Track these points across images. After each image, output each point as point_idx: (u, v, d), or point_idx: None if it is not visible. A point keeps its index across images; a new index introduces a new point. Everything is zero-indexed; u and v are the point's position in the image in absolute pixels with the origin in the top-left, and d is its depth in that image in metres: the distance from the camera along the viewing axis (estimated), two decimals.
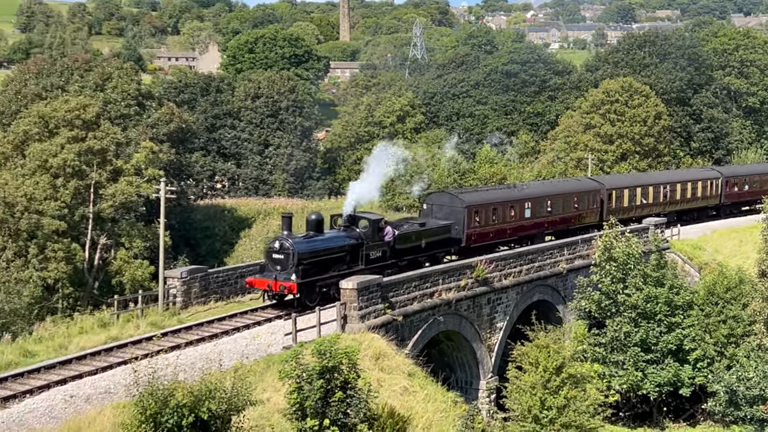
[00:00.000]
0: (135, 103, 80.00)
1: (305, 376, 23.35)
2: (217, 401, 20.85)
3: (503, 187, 56.14)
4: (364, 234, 39.11)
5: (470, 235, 46.75)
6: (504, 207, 49.52)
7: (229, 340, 31.93)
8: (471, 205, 46.78)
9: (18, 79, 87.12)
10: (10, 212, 56.78)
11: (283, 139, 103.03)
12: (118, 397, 24.69)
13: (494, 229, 48.73)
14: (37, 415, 23.90)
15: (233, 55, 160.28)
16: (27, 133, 63.86)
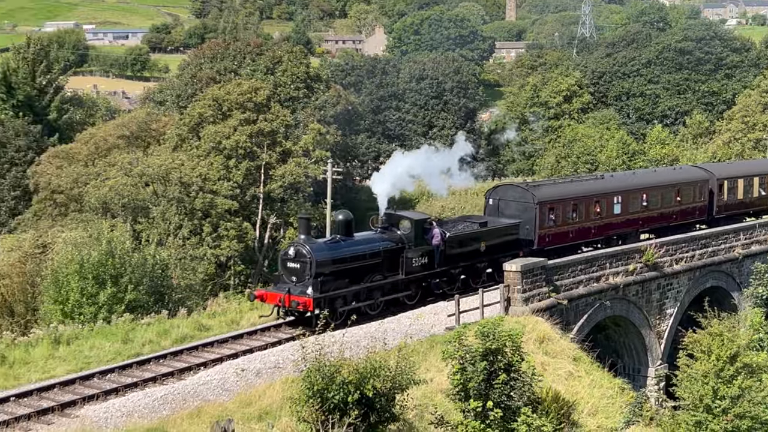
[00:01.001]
0: (303, 85, 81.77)
1: (468, 358, 23.27)
2: (381, 379, 21.05)
3: (587, 179, 47.87)
4: (405, 237, 33.26)
5: (543, 236, 39.89)
6: (587, 202, 42.12)
7: (393, 319, 32.22)
8: (544, 201, 39.72)
9: (193, 64, 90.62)
10: (186, 192, 59.15)
11: (447, 120, 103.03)
12: (287, 371, 25.27)
13: (574, 229, 41.49)
14: (210, 387, 24.77)
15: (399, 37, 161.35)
16: (202, 115, 66.31)
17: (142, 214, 58.33)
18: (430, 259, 33.97)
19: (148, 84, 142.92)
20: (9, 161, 76.74)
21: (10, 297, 48.41)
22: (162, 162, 60.45)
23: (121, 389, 24.41)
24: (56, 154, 71.64)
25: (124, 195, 57.75)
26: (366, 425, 20.74)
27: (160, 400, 23.46)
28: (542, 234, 39.68)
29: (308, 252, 30.12)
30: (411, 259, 33.17)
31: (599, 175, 49.44)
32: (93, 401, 23.11)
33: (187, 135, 66.89)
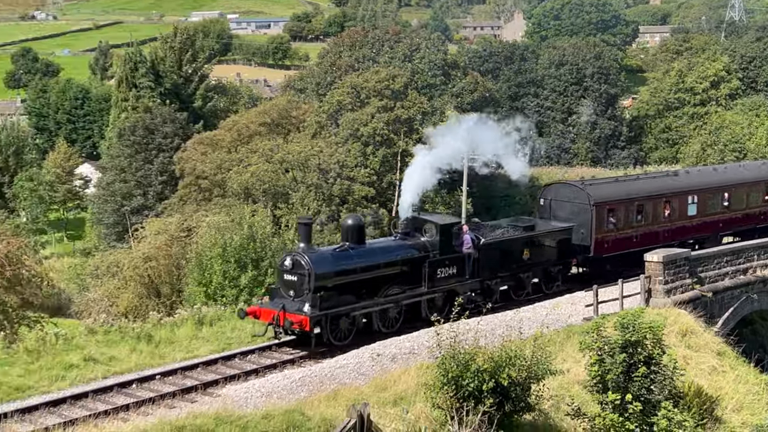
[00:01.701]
0: (441, 72, 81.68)
1: (607, 349, 22.78)
2: (517, 368, 20.86)
3: (656, 176, 43.10)
4: (430, 243, 29.25)
5: (601, 242, 35.77)
6: (654, 203, 37.96)
7: (529, 308, 31.86)
8: (602, 202, 35.73)
9: (333, 52, 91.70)
10: (324, 178, 60.03)
11: (587, 107, 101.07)
12: (422, 358, 25.32)
13: (639, 233, 37.38)
14: (346, 370, 25.07)
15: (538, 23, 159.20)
16: (340, 102, 67.10)
17: (281, 199, 59.53)
18: (460, 268, 30.01)
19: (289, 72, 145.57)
20: (157, 147, 79.49)
21: (156, 278, 50.34)
22: (301, 149, 61.50)
23: (261, 370, 25.00)
24: (201, 141, 73.81)
25: (264, 181, 59.02)
26: (501, 414, 20.60)
27: (298, 381, 23.87)
28: (600, 239, 35.69)
29: (307, 263, 26.24)
30: (436, 270, 29.24)
31: (671, 171, 44.16)
32: (234, 381, 23.73)
33: (326, 122, 67.81)
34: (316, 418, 19.61)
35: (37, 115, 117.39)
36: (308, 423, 19.27)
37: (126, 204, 77.50)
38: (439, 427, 20.58)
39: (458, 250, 30.02)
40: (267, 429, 18.50)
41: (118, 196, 78.51)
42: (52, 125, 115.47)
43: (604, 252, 35.96)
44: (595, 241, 35.49)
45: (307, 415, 19.65)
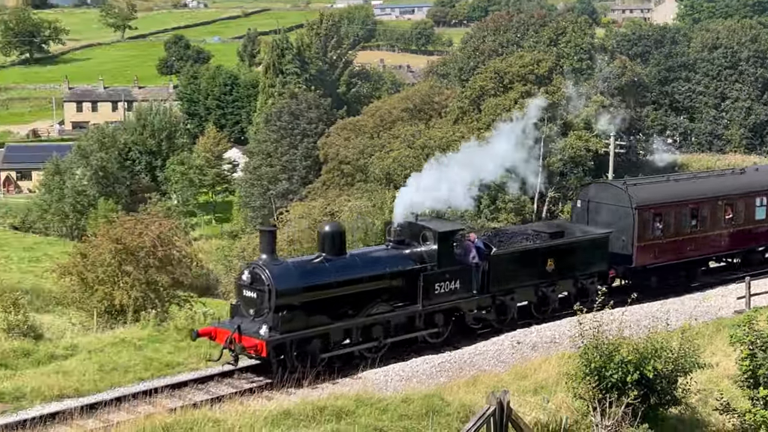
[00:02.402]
0: (587, 57, 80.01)
1: (759, 343, 21.83)
2: (663, 361, 20.22)
3: (716, 174, 37.94)
4: (428, 254, 25.19)
5: (645, 250, 31.43)
6: (712, 205, 33.30)
7: (676, 300, 30.92)
8: (646, 205, 31.44)
9: (476, 36, 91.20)
10: None
11: (742, 92, 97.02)
12: (563, 347, 24.91)
13: (693, 240, 32.86)
14: (486, 357, 24.94)
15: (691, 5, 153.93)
16: (483, 88, 66.70)
17: None
18: (464, 282, 25.81)
19: (432, 57, 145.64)
20: (301, 132, 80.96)
21: None
22: (443, 134, 61.45)
23: (401, 355, 25.12)
24: (344, 126, 74.74)
25: (406, 166, 59.26)
26: (645, 406, 20.04)
27: (437, 367, 23.89)
28: (643, 247, 31.30)
29: (267, 278, 22.29)
30: (432, 284, 25.04)
31: (737, 169, 38.53)
32: (374, 365, 23.89)
33: (468, 108, 67.50)
34: (455, 403, 19.55)
35: (188, 101, 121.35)
36: (447, 408, 19.22)
37: (272, 188, 79.34)
38: (581, 418, 20.19)
39: (462, 261, 25.91)
40: (406, 412, 18.55)
41: (265, 180, 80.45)
42: (202, 111, 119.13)
43: (649, 262, 31.63)
44: (638, 250, 31.12)
45: (446, 400, 19.61)
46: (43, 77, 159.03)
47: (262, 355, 21.81)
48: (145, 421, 16.47)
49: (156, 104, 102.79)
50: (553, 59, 70.60)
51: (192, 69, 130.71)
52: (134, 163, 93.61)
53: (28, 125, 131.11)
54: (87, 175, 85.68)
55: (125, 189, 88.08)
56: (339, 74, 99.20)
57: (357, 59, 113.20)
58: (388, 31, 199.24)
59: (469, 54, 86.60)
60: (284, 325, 22.11)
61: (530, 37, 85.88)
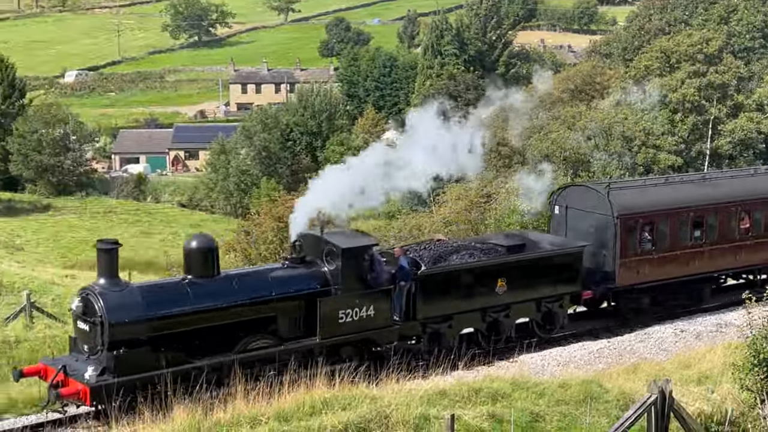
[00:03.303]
0: (760, 35, 76.47)
1: None
2: None
3: (727, 176, 31.61)
4: (332, 274, 20.76)
5: (630, 267, 26.05)
6: (721, 213, 27.94)
7: None
8: (631, 214, 26.01)
9: (642, 15, 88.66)
10: (628, 146, 58.32)
11: None
12: (729, 336, 24.08)
13: (695, 255, 27.52)
14: (647, 345, 24.45)
15: None
16: (648, 68, 64.81)
17: (582, 167, 58.54)
18: (380, 308, 21.04)
19: (595, 37, 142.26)
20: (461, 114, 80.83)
21: None
22: (605, 116, 60.11)
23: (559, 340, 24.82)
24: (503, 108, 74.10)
25: (565, 148, 58.31)
26: None
27: (595, 353, 23.53)
28: (628, 263, 25.95)
29: (101, 308, 17.99)
30: (335, 311, 20.45)
31: (760, 169, 32.43)
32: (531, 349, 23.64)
33: (632, 88, 65.78)
34: (614, 390, 19.13)
35: (348, 83, 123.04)
36: (606, 395, 18.83)
37: None
38: (747, 410, 19.36)
39: (377, 282, 21.13)
40: (563, 397, 18.27)
41: None
42: (362, 92, 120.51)
43: (636, 281, 26.29)
44: (621, 267, 25.82)
45: (604, 386, 19.22)
46: (210, 60, 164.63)
47: (83, 401, 17.58)
48: (306, 395, 16.82)
49: (317, 86, 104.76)
50: (723, 38, 67.74)
51: (352, 51, 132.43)
52: (295, 144, 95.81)
53: (196, 106, 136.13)
54: (250, 155, 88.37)
55: (286, 169, 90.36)
56: (498, 55, 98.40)
57: (517, 39, 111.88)
58: (549, 10, 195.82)
59: (634, 33, 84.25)
60: (122, 366, 17.66)
61: (699, 15, 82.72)
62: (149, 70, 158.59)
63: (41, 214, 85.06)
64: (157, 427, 15.26)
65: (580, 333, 25.47)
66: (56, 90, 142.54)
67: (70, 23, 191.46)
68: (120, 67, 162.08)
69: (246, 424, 15.39)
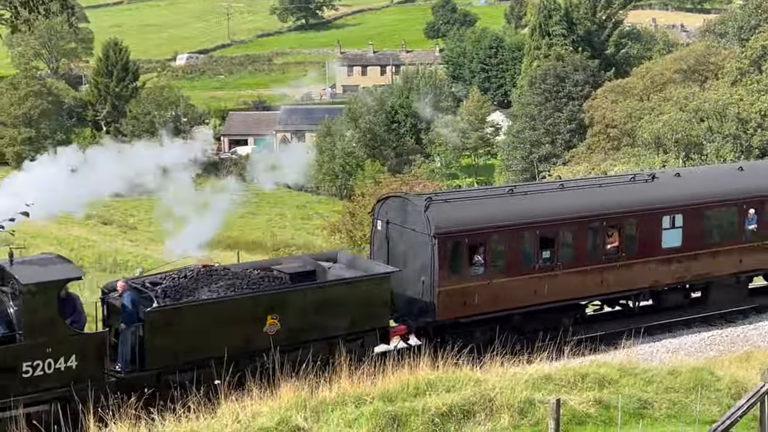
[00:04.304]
0: None
1: None
2: None
3: (594, 183, 25.84)
4: (17, 315, 16.73)
5: (453, 296, 21.54)
6: (567, 230, 23.13)
7: None
8: (452, 232, 21.53)
9: None
10: (743, 128, 56.60)
11: None
12: None
13: (537, 281, 22.66)
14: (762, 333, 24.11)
15: None
16: (765, 48, 62.66)
17: (695, 150, 57.07)
18: (88, 358, 16.93)
19: (709, 16, 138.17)
20: (566, 95, 79.64)
21: None
22: (719, 97, 58.45)
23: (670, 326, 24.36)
24: (612, 89, 72.82)
25: (677, 130, 56.97)
26: None
27: (706, 340, 23.07)
28: (450, 292, 21.45)
29: None
30: (18, 364, 16.32)
31: (648, 174, 26.30)
32: (640, 337, 23.20)
33: (748, 68, 63.62)
34: (726, 378, 18.63)
35: (453, 64, 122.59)
36: (717, 383, 18.34)
37: (534, 151, 78.91)
38: None
39: (82, 324, 17.53)
40: (672, 385, 17.85)
41: (527, 143, 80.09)
42: (467, 74, 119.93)
43: (463, 313, 21.72)
44: (442, 296, 21.32)
45: (715, 374, 18.72)
46: (317, 42, 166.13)
47: None
48: (410, 376, 16.87)
49: (422, 68, 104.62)
50: None
51: (458, 32, 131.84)
52: (400, 126, 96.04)
53: (303, 89, 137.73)
54: (356, 137, 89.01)
55: (391, 151, 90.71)
56: (608, 35, 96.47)
57: (627, 19, 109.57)
58: None
59: (751, 11, 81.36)
60: None
61: None
62: (258, 53, 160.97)
63: (153, 194, 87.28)
64: (264, 403, 15.53)
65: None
66: (168, 73, 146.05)
67: (182, 6, 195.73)
68: (229, 50, 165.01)
69: (351, 403, 15.53)
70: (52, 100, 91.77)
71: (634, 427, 15.65)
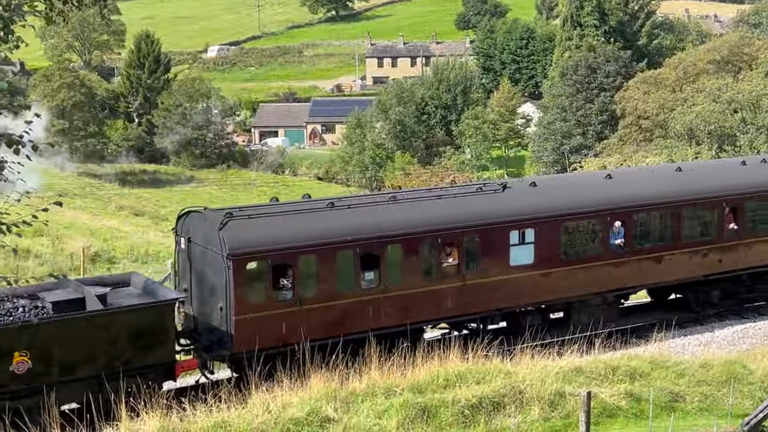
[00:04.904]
0: None
1: None
2: None
3: (412, 197, 22.44)
4: None
5: (252, 326, 18.84)
6: (392, 248, 20.47)
7: None
8: (248, 253, 18.93)
9: None
10: None
11: None
12: None
13: (358, 306, 20.10)
14: None
15: None
16: None
17: (728, 141, 56.49)
18: None
19: (743, 6, 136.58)
20: (598, 86, 79.08)
21: None
22: (753, 88, 57.82)
23: (702, 319, 24.16)
24: (644, 80, 72.22)
25: (710, 122, 56.42)
26: None
27: (739, 333, 22.89)
28: (249, 322, 18.82)
29: None
30: None
31: (497, 184, 23.40)
32: (672, 330, 23.05)
33: None
34: (759, 372, 18.53)
35: (484, 56, 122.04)
36: (750, 377, 18.23)
37: (565, 143, 78.45)
38: None
39: None
40: (704, 378, 17.76)
41: (558, 134, 79.65)
42: (498, 65, 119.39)
43: (265, 344, 18.76)
44: (240, 325, 18.76)
45: (748, 367, 18.62)
46: (347, 34, 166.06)
47: None
48: (440, 367, 16.88)
49: (452, 59, 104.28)
50: None
51: (489, 23, 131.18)
52: (430, 118, 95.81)
53: (333, 80, 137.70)
54: (386, 129, 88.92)
55: (421, 142, 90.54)
56: (640, 25, 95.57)
57: (660, 9, 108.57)
58: None
59: None
60: None
61: None
62: (288, 45, 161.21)
63: (185, 185, 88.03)
64: (294, 394, 15.60)
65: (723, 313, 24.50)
66: (199, 65, 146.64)
67: None
68: (260, 42, 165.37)
69: (381, 394, 15.56)
70: (84, 92, 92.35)
71: (666, 420, 15.58)
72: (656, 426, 15.29)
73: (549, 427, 15.40)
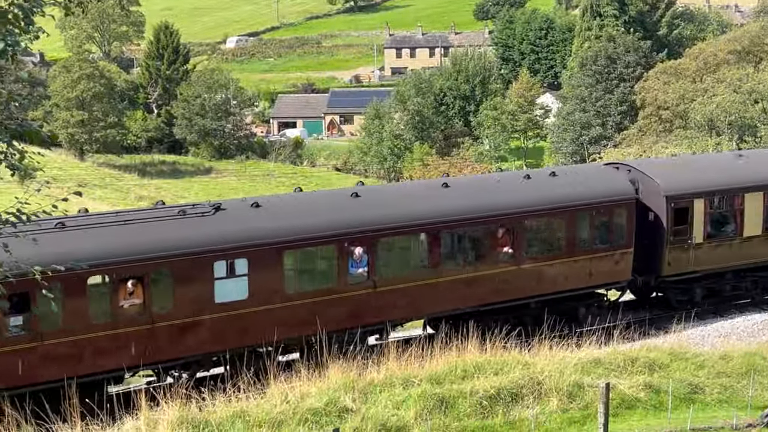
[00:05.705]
0: None
1: None
2: None
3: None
4: None
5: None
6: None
7: None
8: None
9: None
10: None
11: None
12: None
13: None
14: None
15: None
16: None
17: (749, 132, 56.11)
18: None
19: None
20: (618, 77, 78.69)
21: None
22: None
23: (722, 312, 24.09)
24: (664, 70, 71.81)
25: (731, 112, 56.03)
26: None
27: (759, 324, 22.78)
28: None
29: None
30: None
31: (207, 206, 19.29)
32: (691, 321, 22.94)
33: None
34: None
35: (502, 46, 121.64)
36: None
37: (584, 133, 78.13)
38: None
39: None
40: (724, 369, 17.66)
41: (577, 125, 79.32)
42: (517, 56, 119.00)
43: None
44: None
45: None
46: (366, 24, 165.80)
47: None
48: (458, 358, 16.86)
49: (471, 50, 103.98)
50: None
51: (508, 13, 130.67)
52: (448, 108, 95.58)
53: (351, 71, 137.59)
54: (404, 120, 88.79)
55: (439, 133, 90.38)
56: (660, 15, 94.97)
57: (680, 0, 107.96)
58: None
59: None
60: None
61: None
62: (306, 36, 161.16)
63: (203, 176, 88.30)
64: (313, 384, 15.62)
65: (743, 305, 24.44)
66: (218, 56, 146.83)
67: None
68: (278, 32, 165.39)
69: (399, 385, 15.56)
70: (104, 83, 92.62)
71: (685, 412, 15.51)
72: (675, 418, 15.23)
73: (567, 418, 15.35)
